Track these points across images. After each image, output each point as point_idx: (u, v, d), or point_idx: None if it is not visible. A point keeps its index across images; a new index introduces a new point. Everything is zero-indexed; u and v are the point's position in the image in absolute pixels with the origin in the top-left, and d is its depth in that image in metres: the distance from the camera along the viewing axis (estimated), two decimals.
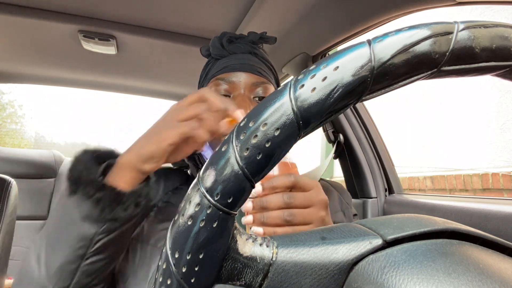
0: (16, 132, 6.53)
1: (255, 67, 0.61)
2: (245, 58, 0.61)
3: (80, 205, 0.44)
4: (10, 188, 1.00)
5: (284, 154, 0.22)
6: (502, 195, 2.12)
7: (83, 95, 12.34)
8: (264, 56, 0.64)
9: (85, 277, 0.46)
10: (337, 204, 0.66)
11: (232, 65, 0.60)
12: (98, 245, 0.45)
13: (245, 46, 0.62)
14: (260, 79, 0.60)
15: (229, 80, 0.59)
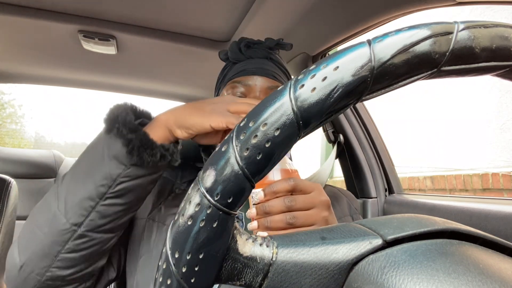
0: (16, 132, 6.53)
1: (270, 71, 0.63)
2: (261, 63, 0.63)
3: (112, 143, 0.47)
4: (10, 188, 1.00)
5: (284, 154, 0.22)
6: (502, 195, 2.12)
7: (83, 95, 12.34)
8: (280, 61, 0.66)
9: (99, 218, 0.48)
10: (346, 208, 0.68)
11: (249, 69, 0.62)
12: (119, 187, 0.48)
13: (261, 51, 0.65)
14: (275, 83, 0.62)
15: (245, 83, 0.62)
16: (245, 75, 0.62)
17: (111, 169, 0.47)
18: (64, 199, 0.48)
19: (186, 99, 1.64)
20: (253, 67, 0.63)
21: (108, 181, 0.47)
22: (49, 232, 0.47)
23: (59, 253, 0.47)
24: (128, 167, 0.47)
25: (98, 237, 0.49)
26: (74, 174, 0.50)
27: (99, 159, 0.48)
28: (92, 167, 0.48)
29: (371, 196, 1.11)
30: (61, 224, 0.47)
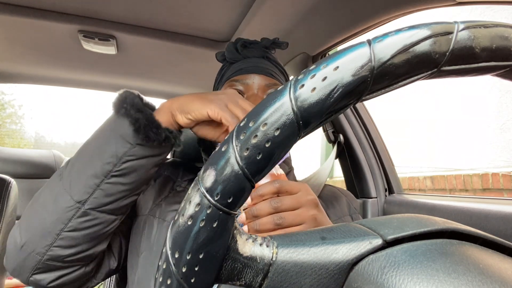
0: (16, 132, 6.53)
1: (267, 69, 0.64)
2: (258, 62, 0.65)
3: (119, 123, 0.50)
4: (10, 188, 1.00)
5: (284, 154, 0.22)
6: (502, 195, 2.12)
7: (83, 95, 12.31)
8: (277, 60, 0.68)
9: (103, 196, 0.50)
10: (346, 208, 0.69)
11: (246, 67, 0.64)
12: (124, 166, 0.50)
13: (258, 51, 0.66)
14: (272, 80, 0.63)
15: (243, 82, 0.63)
16: (243, 74, 0.64)
17: (118, 148, 0.49)
18: (69, 178, 0.50)
19: None
20: (250, 66, 0.64)
21: (114, 159, 0.49)
22: (53, 210, 0.48)
23: (62, 231, 0.48)
24: (134, 146, 0.49)
25: (100, 216, 0.50)
26: (80, 154, 0.52)
27: (106, 138, 0.50)
28: (99, 147, 0.50)
29: (371, 196, 1.11)
30: (65, 201, 0.48)
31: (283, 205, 0.41)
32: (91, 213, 0.49)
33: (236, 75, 0.64)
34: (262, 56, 0.66)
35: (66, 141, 6.13)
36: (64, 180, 0.50)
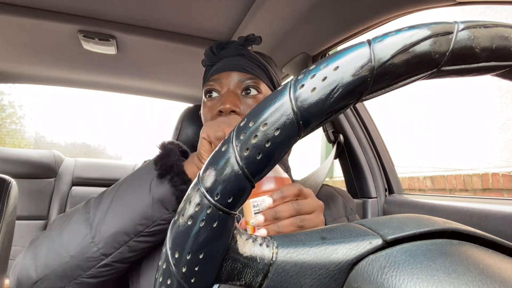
0: (16, 132, 6.53)
1: (241, 65, 0.64)
2: (233, 60, 0.65)
3: (162, 189, 0.50)
4: (10, 188, 1.00)
5: (284, 154, 0.22)
6: (502, 195, 2.12)
7: (83, 95, 12.32)
8: (253, 56, 0.67)
9: (128, 252, 0.51)
10: (342, 209, 0.68)
11: (221, 66, 0.64)
12: (154, 228, 0.51)
13: (233, 50, 0.66)
14: (246, 75, 0.63)
15: (218, 81, 0.63)
16: (218, 73, 0.64)
17: (154, 212, 0.51)
18: (98, 228, 0.50)
19: (186, 99, 1.65)
20: (224, 65, 0.65)
21: (147, 221, 0.50)
22: (76, 256, 0.49)
23: (80, 277, 0.49)
24: (170, 212, 0.51)
25: (119, 266, 0.52)
26: (113, 205, 0.52)
27: (143, 199, 0.51)
28: (134, 204, 0.51)
29: (371, 196, 1.11)
30: (91, 252, 0.49)
31: (304, 208, 0.42)
32: (112, 265, 0.51)
33: (212, 75, 0.65)
34: (237, 54, 0.66)
35: (66, 141, 6.13)
36: (92, 228, 0.50)
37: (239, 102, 0.60)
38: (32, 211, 1.55)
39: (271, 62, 0.72)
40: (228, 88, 0.63)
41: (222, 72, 0.64)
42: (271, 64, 0.71)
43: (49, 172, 1.64)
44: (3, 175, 1.02)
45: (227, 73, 0.63)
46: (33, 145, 6.18)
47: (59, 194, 1.61)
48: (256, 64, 0.66)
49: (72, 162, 1.73)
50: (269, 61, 0.71)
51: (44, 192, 1.60)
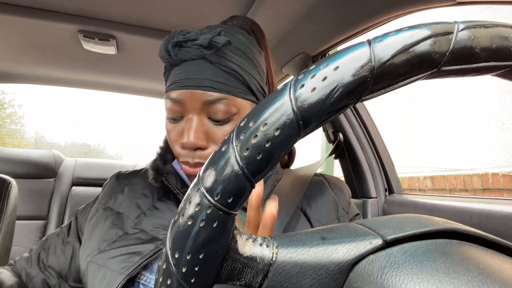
0: (16, 132, 6.54)
1: (205, 81, 0.48)
2: (194, 70, 0.49)
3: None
4: (10, 188, 1.00)
5: (284, 154, 0.22)
6: (502, 195, 2.12)
7: (83, 95, 12.32)
8: (224, 62, 0.49)
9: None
10: (332, 211, 0.58)
11: (179, 80, 0.49)
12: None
13: (195, 51, 0.48)
14: (213, 95, 0.48)
15: (178, 100, 0.49)
16: (176, 89, 0.50)
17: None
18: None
19: None
20: (184, 78, 0.49)
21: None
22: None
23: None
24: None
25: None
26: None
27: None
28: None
29: (371, 196, 1.11)
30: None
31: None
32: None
33: (170, 89, 0.51)
34: (201, 57, 0.49)
35: (66, 141, 6.13)
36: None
37: (205, 136, 0.49)
38: (32, 211, 1.55)
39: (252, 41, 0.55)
40: (189, 116, 0.50)
41: (182, 90, 0.49)
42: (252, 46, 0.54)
43: (49, 172, 1.64)
44: (3, 175, 1.02)
45: (191, 92, 0.48)
46: (33, 145, 6.19)
47: (59, 194, 1.61)
48: (228, 72, 0.49)
49: (72, 162, 1.73)
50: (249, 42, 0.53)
51: (44, 192, 1.60)
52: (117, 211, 0.59)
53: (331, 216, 0.58)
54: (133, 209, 0.58)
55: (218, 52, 0.49)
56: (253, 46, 0.54)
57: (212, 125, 0.50)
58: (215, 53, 0.49)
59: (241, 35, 0.53)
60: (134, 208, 0.58)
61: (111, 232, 0.56)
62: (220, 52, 0.49)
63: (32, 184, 1.59)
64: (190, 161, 0.51)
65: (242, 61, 0.51)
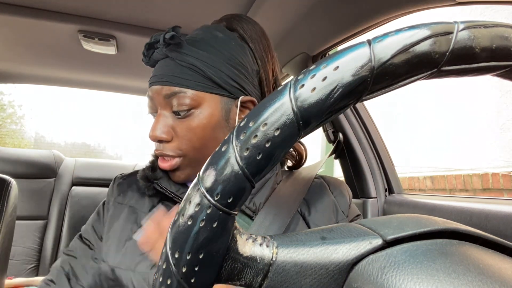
0: (16, 132, 6.54)
1: (164, 76, 0.52)
2: (158, 68, 0.53)
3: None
4: (10, 188, 1.00)
5: (285, 154, 0.22)
6: (502, 195, 2.12)
7: (83, 95, 12.29)
8: (183, 57, 0.51)
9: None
10: (332, 215, 0.58)
11: (151, 78, 0.54)
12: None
13: (161, 51, 0.53)
14: (170, 89, 0.51)
15: (149, 97, 0.55)
16: (150, 87, 0.54)
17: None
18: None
19: None
20: (152, 75, 0.54)
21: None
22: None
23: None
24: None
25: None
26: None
27: None
28: None
29: (371, 196, 1.11)
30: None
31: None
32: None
33: (148, 87, 0.55)
34: (165, 56, 0.53)
35: (66, 141, 6.13)
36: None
37: (168, 129, 0.53)
38: (32, 211, 1.55)
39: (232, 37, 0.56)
40: (159, 110, 0.54)
41: (151, 87, 0.53)
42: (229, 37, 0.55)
43: (49, 172, 1.64)
44: (3, 175, 1.02)
45: (155, 88, 0.52)
46: (33, 145, 6.19)
47: (59, 194, 1.61)
48: (190, 69, 0.51)
49: (72, 162, 1.73)
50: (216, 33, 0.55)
51: (44, 192, 1.60)
52: (129, 205, 0.60)
53: (330, 220, 0.58)
54: (144, 202, 0.59)
55: (177, 49, 0.52)
56: (230, 41, 0.55)
57: (176, 119, 0.53)
58: (174, 50, 0.52)
59: (218, 31, 0.56)
60: (146, 202, 0.59)
61: (126, 228, 0.57)
62: (180, 48, 0.52)
63: (32, 184, 1.59)
64: (157, 153, 0.55)
65: (208, 55, 0.52)
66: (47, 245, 1.54)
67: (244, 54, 0.56)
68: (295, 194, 0.58)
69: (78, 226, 1.60)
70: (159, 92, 0.52)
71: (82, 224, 0.66)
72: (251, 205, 0.55)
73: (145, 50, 0.54)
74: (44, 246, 1.54)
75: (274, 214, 0.54)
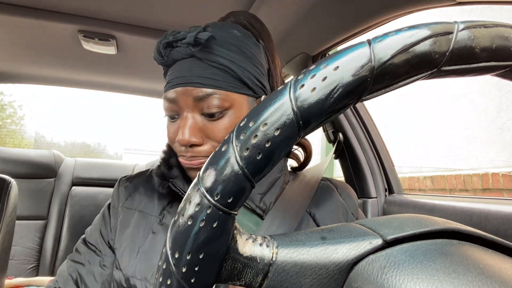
0: (16, 133, 6.53)
1: (194, 77, 0.49)
2: (184, 68, 0.50)
3: None
4: (10, 188, 1.00)
5: (284, 154, 0.22)
6: (502, 195, 2.12)
7: (83, 95, 12.31)
8: (212, 57, 0.49)
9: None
10: (341, 216, 0.59)
11: (172, 80, 0.51)
12: None
13: (184, 50, 0.50)
14: (203, 91, 0.49)
15: (172, 99, 0.51)
16: (170, 88, 0.51)
17: None
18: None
19: None
20: (175, 76, 0.51)
21: None
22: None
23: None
24: None
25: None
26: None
27: None
28: None
29: (371, 196, 1.11)
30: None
31: None
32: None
33: (165, 90, 0.52)
34: (190, 55, 0.50)
35: (66, 141, 6.13)
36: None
37: (199, 132, 0.50)
38: (32, 211, 1.55)
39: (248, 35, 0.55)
40: (186, 113, 0.51)
41: (175, 88, 0.50)
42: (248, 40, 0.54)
43: (49, 172, 1.64)
44: (3, 175, 1.02)
45: (182, 90, 0.50)
46: (33, 145, 6.19)
47: (59, 194, 1.61)
48: (220, 69, 0.50)
49: (72, 162, 1.74)
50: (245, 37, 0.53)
51: (44, 192, 1.60)
52: (138, 210, 0.59)
53: (340, 221, 0.58)
54: (154, 205, 0.58)
55: (206, 49, 0.49)
56: (248, 40, 0.54)
57: (207, 121, 0.51)
58: (203, 49, 0.49)
59: (235, 30, 0.53)
60: (155, 204, 0.59)
61: (138, 235, 0.56)
62: (208, 48, 0.49)
63: (32, 184, 1.59)
64: (187, 155, 0.52)
65: (234, 55, 0.51)
66: (47, 245, 1.54)
67: (260, 52, 0.56)
68: (304, 194, 0.58)
69: (78, 226, 1.60)
70: (188, 93, 0.49)
71: (82, 224, 0.66)
72: (261, 205, 0.55)
73: (161, 48, 0.51)
74: (44, 246, 1.54)
75: (283, 214, 0.54)
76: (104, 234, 0.60)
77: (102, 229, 0.61)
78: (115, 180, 0.66)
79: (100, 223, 0.62)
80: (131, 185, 0.62)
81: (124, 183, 0.63)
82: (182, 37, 0.49)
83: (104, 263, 0.57)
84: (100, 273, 0.57)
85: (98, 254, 0.59)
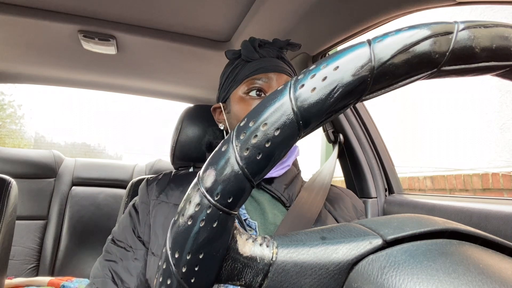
0: (16, 132, 6.54)
1: (285, 69, 0.67)
2: (276, 61, 0.67)
3: None
4: (10, 188, 1.00)
5: (284, 154, 0.22)
6: (502, 195, 2.12)
7: (83, 95, 12.29)
8: (289, 60, 0.70)
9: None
10: (352, 211, 0.69)
11: (266, 66, 0.65)
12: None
13: (273, 51, 0.68)
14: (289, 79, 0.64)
15: (264, 80, 0.65)
16: (264, 72, 0.65)
17: None
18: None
19: (186, 99, 1.65)
20: (270, 65, 0.66)
21: None
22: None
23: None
24: None
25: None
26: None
27: None
28: None
29: (371, 196, 1.11)
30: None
31: None
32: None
33: (257, 73, 0.65)
34: (277, 56, 0.68)
35: (66, 141, 6.13)
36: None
37: None
38: (32, 211, 1.55)
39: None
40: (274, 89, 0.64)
41: (271, 73, 0.65)
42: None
43: (49, 172, 1.64)
44: (3, 175, 1.02)
45: (277, 74, 0.65)
46: (33, 145, 6.19)
47: (59, 194, 1.61)
48: (291, 69, 0.69)
49: (72, 162, 1.74)
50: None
51: (44, 192, 1.60)
52: (173, 203, 0.64)
53: (351, 215, 0.68)
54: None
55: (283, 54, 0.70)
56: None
57: None
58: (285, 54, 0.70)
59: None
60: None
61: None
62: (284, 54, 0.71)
63: (32, 184, 1.59)
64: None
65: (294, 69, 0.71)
66: (47, 245, 1.54)
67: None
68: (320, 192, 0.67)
69: (78, 226, 1.60)
70: (284, 78, 0.65)
71: (82, 224, 0.68)
72: (285, 194, 0.63)
73: (255, 44, 0.67)
74: (44, 246, 1.54)
75: (305, 206, 0.62)
76: (134, 229, 0.65)
77: (131, 225, 0.65)
78: (115, 180, 0.68)
79: (128, 221, 0.66)
80: (162, 182, 0.69)
81: (153, 181, 0.69)
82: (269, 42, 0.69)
83: (135, 256, 0.62)
84: (134, 266, 0.61)
85: (128, 250, 0.63)
